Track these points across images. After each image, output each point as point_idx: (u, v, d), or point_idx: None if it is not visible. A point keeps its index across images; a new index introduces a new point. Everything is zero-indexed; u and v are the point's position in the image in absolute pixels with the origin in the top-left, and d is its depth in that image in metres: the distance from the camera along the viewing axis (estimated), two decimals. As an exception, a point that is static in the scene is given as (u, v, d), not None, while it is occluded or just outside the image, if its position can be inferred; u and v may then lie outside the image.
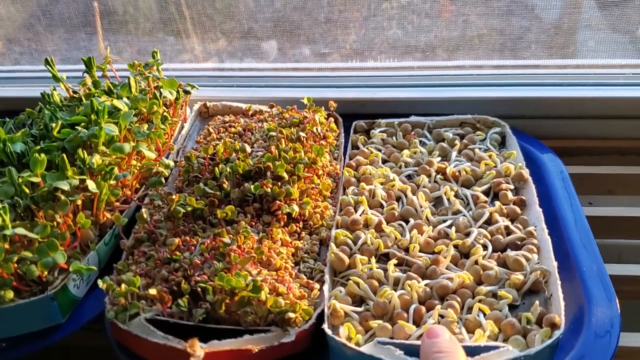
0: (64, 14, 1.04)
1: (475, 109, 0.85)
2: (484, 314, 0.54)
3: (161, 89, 0.81)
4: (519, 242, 0.63)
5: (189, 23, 1.02)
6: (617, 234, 0.79)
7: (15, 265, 0.55)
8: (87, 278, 0.62)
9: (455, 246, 0.62)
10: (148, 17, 1.04)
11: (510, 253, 0.60)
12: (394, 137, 0.83)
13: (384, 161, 0.79)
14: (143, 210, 0.65)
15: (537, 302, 0.54)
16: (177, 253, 0.59)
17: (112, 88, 0.79)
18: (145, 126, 0.74)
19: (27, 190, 0.61)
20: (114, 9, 1.05)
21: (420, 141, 0.81)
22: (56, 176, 0.62)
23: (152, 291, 0.55)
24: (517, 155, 0.75)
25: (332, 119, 0.85)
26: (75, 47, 1.08)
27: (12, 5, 1.06)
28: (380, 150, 0.80)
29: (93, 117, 0.70)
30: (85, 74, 0.84)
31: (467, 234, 0.64)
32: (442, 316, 0.54)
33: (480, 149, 0.78)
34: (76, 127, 0.69)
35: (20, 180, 0.61)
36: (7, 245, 0.55)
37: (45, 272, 0.56)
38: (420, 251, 0.62)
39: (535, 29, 0.89)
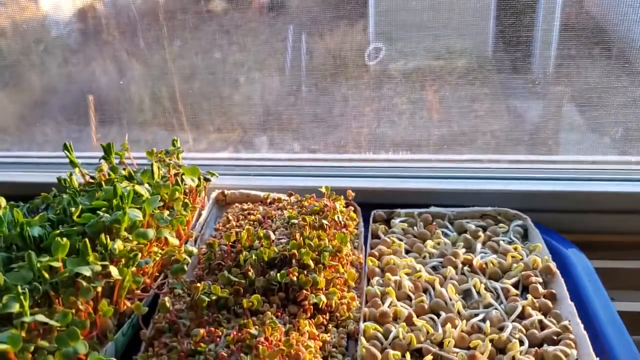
0: (57, 105, 1.07)
1: (492, 202, 0.85)
2: (530, 416, 0.51)
3: (183, 176, 0.81)
4: (555, 337, 0.61)
5: (184, 118, 1.05)
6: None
7: (31, 356, 0.52)
8: (104, 371, 0.59)
9: (491, 341, 0.60)
10: (142, 110, 1.07)
11: (549, 348, 0.58)
12: (414, 227, 0.82)
13: (407, 251, 0.77)
14: (166, 298, 0.62)
15: (584, 403, 0.52)
16: (202, 345, 0.56)
17: (133, 174, 0.79)
18: (167, 212, 0.73)
19: (46, 275, 0.58)
20: (107, 101, 1.09)
21: (442, 232, 0.80)
22: (77, 261, 0.60)
23: (177, 387, 0.51)
24: (542, 247, 0.74)
25: (351, 207, 0.85)
26: (67, 138, 1.10)
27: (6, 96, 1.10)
28: (401, 240, 0.79)
29: (115, 202, 0.68)
30: (102, 160, 0.84)
31: (501, 328, 0.62)
32: (485, 417, 0.51)
33: (504, 241, 0.77)
34: (97, 212, 0.68)
35: (39, 265, 0.58)
36: (24, 334, 0.52)
37: (63, 364, 0.53)
38: (454, 346, 0.60)
39: (551, 126, 0.91)
